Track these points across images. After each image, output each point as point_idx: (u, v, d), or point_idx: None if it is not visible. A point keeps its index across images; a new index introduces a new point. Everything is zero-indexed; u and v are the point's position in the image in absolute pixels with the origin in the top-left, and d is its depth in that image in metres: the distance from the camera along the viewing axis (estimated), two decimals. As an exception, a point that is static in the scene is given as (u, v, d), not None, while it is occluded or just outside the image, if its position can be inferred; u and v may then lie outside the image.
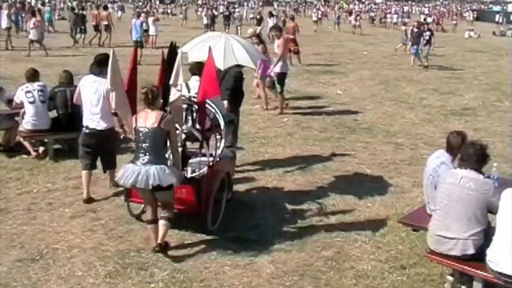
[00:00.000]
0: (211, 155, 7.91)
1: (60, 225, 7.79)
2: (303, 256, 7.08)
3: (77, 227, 7.76)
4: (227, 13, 42.84)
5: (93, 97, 8.57)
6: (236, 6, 66.98)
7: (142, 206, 7.64)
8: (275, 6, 66.37)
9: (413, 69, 24.88)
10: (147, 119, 6.75)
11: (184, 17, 49.89)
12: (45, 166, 10.32)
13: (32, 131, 10.61)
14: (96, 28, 30.85)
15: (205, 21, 40.33)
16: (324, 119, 14.55)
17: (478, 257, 5.68)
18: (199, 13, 57.45)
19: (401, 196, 9.26)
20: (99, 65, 8.64)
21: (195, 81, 8.05)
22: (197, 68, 8.14)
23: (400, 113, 15.69)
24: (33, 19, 26.11)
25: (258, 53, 10.45)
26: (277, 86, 14.81)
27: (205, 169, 7.77)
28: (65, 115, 10.62)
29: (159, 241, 6.90)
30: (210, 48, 7.55)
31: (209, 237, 7.47)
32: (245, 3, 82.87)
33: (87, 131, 8.67)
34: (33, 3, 54.74)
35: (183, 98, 7.49)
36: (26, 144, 10.77)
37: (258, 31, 16.90)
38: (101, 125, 8.60)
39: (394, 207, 8.76)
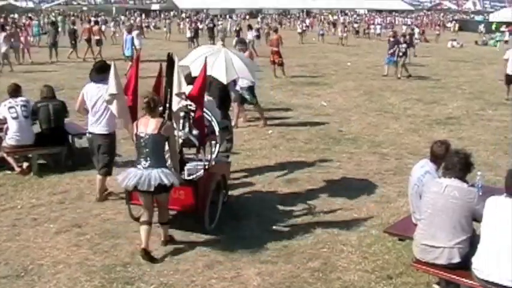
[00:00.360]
0: (207, 160, 8.35)
1: (45, 241, 7.74)
2: (289, 268, 7.07)
3: (62, 242, 7.71)
4: (211, 25, 43.38)
5: (97, 103, 9.00)
6: (220, 18, 67.06)
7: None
8: (258, 19, 66.45)
9: (397, 79, 24.96)
10: (148, 126, 7.15)
11: (168, 31, 49.87)
12: (30, 181, 10.25)
13: (16, 147, 10.57)
14: (88, 41, 31.30)
15: (188, 34, 40.33)
16: (308, 130, 14.57)
17: (464, 265, 5.71)
18: (181, 26, 57.60)
19: (387, 206, 9.27)
20: (99, 72, 9.09)
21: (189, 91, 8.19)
22: (193, 79, 8.41)
23: (385, 123, 15.75)
24: (2, 33, 26.10)
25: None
26: (250, 99, 14.65)
27: (201, 172, 8.15)
28: (49, 130, 10.62)
29: (164, 239, 7.54)
30: (205, 60, 8.13)
31: (195, 251, 7.45)
32: (228, 16, 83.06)
33: (90, 135, 9.23)
34: (23, 20, 54.77)
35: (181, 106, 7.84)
36: (10, 159, 10.68)
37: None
38: (105, 130, 9.09)
39: (380, 217, 8.77)
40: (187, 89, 7.99)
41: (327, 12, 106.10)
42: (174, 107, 7.74)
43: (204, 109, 8.17)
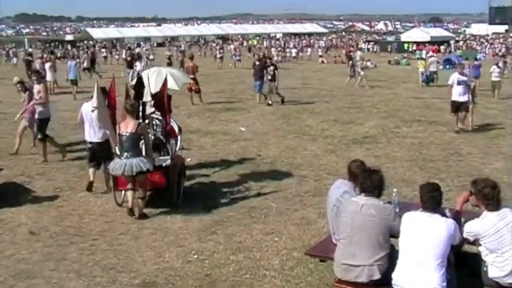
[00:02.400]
0: (172, 151, 11.03)
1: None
2: (212, 297, 6.94)
3: (-28, 287, 7.35)
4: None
5: (94, 118, 10.91)
6: (132, 47, 66.67)
7: (123, 196, 10.39)
8: (167, 46, 66.82)
9: (313, 101, 25.28)
10: (128, 126, 9.69)
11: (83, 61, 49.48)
12: None
13: None
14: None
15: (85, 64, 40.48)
16: (227, 156, 14.51)
17: (385, 281, 5.75)
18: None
19: (308, 228, 9.28)
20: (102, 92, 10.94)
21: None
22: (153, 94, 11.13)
23: (303, 145, 15.85)
24: None
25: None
26: (38, 133, 14.31)
27: (169, 160, 10.66)
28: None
29: (139, 212, 9.84)
30: (166, 79, 11.12)
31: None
32: (136, 44, 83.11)
33: (90, 145, 11.47)
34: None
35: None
36: None
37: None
38: (99, 138, 11.24)
39: (301, 239, 8.76)
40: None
41: (253, 39, 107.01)
42: (147, 111, 10.90)
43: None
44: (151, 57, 50.59)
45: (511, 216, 5.69)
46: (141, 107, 10.78)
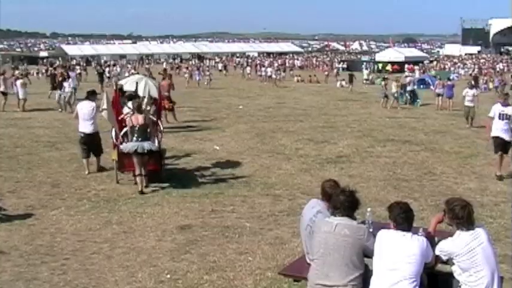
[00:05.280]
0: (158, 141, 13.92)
1: None
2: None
3: None
4: (101, 71, 48.06)
5: (87, 113, 14.58)
6: (114, 64, 66.69)
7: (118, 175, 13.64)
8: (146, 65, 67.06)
9: (288, 120, 25.34)
10: (138, 120, 12.75)
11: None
12: None
13: None
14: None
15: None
16: (202, 175, 14.47)
17: (359, 302, 5.70)
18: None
19: (282, 247, 9.25)
20: (91, 95, 15.14)
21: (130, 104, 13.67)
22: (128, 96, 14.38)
23: (277, 164, 15.84)
24: None
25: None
26: None
27: (156, 146, 13.35)
28: None
29: (144, 186, 12.81)
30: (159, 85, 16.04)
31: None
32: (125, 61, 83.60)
33: (82, 135, 14.63)
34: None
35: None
36: None
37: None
38: (91, 129, 14.61)
39: (275, 259, 8.73)
40: (129, 103, 13.76)
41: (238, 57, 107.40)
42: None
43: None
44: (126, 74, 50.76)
45: (483, 235, 5.72)
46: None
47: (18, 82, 29.17)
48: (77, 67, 66.76)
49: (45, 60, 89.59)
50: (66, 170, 14.84)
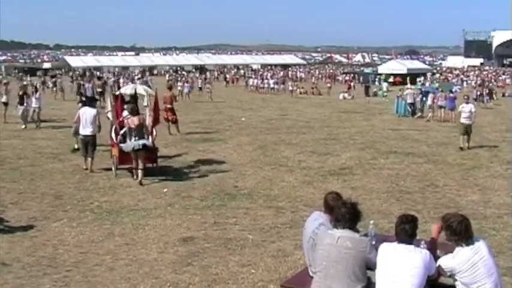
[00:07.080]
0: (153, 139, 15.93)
1: None
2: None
3: None
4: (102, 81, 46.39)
5: (88, 117, 16.00)
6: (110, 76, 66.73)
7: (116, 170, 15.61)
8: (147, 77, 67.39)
9: (290, 132, 25.35)
10: (134, 121, 14.70)
11: (59, 89, 49.44)
12: None
13: None
14: None
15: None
16: (204, 187, 14.44)
17: (361, 315, 5.69)
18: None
19: (284, 260, 9.23)
20: (90, 101, 17.52)
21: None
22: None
23: (280, 176, 15.83)
24: None
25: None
26: None
27: (150, 142, 15.30)
28: None
29: (139, 179, 14.60)
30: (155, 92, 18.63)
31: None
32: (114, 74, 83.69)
33: (82, 137, 16.11)
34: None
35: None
36: None
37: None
38: (90, 132, 16.02)
39: (277, 272, 8.71)
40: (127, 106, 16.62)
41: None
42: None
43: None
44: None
45: (484, 249, 5.70)
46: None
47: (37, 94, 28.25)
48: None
49: (42, 71, 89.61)
50: (69, 182, 14.84)
